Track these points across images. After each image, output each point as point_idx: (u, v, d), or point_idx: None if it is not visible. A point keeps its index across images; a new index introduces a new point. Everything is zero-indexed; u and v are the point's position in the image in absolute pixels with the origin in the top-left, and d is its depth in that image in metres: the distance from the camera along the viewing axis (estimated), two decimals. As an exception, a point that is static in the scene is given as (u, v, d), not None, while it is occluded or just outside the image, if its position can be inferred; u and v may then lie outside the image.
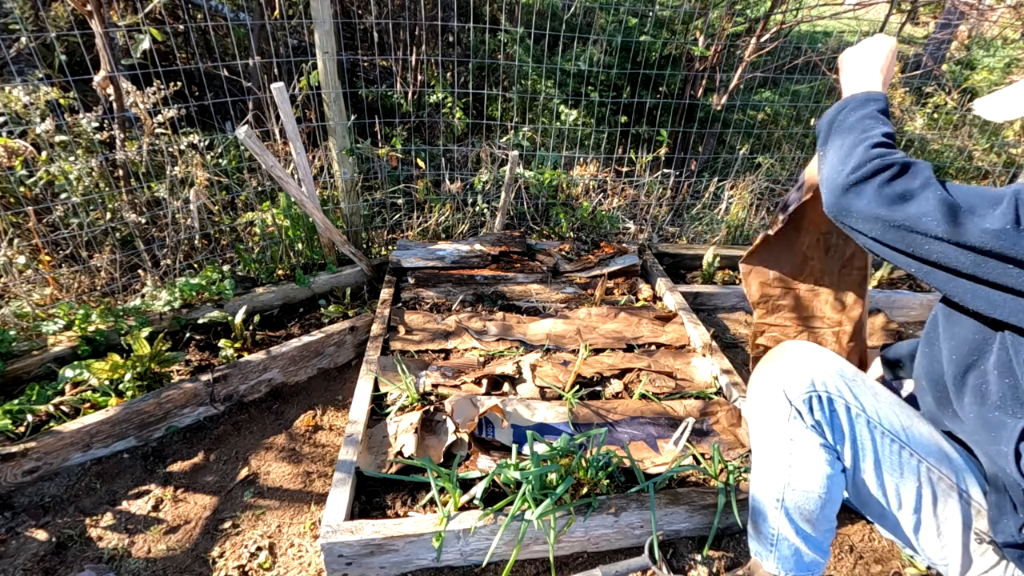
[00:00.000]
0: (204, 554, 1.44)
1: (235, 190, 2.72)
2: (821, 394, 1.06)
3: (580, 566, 1.41)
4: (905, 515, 1.06)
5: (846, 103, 1.09)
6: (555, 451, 1.42)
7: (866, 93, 1.09)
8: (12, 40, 2.73)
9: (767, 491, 1.15)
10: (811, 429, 1.07)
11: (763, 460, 1.16)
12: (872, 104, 1.06)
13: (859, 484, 1.09)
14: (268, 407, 1.97)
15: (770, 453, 1.14)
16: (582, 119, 3.47)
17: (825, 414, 1.06)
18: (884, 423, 1.04)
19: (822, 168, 1.04)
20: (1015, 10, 3.99)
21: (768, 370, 1.15)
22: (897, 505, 1.06)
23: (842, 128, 1.05)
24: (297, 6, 3.90)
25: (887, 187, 0.91)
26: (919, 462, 1.03)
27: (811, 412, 1.06)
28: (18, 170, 2.16)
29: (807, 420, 1.07)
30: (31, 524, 1.50)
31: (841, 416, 1.05)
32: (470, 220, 2.97)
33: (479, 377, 1.85)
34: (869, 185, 0.93)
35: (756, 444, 1.18)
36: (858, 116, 1.04)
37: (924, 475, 1.02)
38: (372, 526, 1.29)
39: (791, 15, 3.52)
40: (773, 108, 4.02)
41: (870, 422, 1.04)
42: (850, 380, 1.08)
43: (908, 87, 4.76)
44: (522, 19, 3.61)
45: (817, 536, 1.13)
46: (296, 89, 2.67)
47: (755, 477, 1.19)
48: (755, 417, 1.17)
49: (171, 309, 2.15)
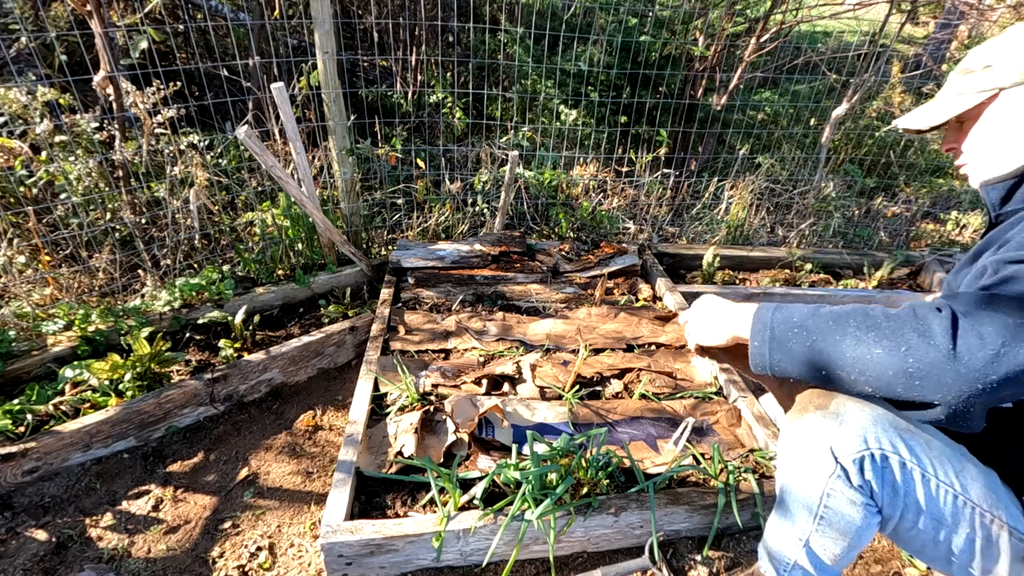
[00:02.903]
0: (204, 554, 1.44)
1: (235, 190, 2.72)
2: (875, 452, 0.95)
3: (580, 566, 1.41)
4: (953, 557, 1.00)
5: (785, 320, 0.98)
6: (555, 451, 1.42)
7: (762, 307, 1.02)
8: (12, 40, 2.73)
9: (790, 528, 1.10)
10: (855, 489, 0.98)
11: (791, 503, 1.09)
12: (787, 308, 0.99)
13: (902, 531, 1.01)
14: (268, 407, 1.97)
15: (800, 501, 1.06)
16: (582, 119, 3.47)
17: (878, 473, 0.96)
18: (940, 474, 0.96)
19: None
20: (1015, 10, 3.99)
21: (812, 422, 1.01)
22: (947, 551, 0.99)
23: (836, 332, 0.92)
24: (297, 6, 3.90)
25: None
26: (972, 509, 0.96)
27: (861, 472, 0.96)
28: (18, 170, 2.16)
29: (854, 480, 0.97)
30: (31, 524, 1.50)
31: (895, 473, 0.96)
32: (470, 220, 2.97)
33: (479, 377, 1.85)
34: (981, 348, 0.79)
35: (785, 487, 1.09)
36: (821, 318, 0.94)
37: (977, 522, 0.96)
38: (372, 526, 1.29)
39: (791, 15, 3.53)
40: (773, 108, 4.02)
41: (924, 475, 0.96)
42: (904, 431, 0.97)
43: (908, 87, 4.76)
44: (522, 19, 3.61)
45: (834, 569, 1.10)
46: (296, 89, 2.68)
47: (778, 511, 1.13)
48: (789, 467, 1.07)
49: (171, 309, 2.15)
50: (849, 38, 4.88)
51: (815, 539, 1.06)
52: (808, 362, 0.95)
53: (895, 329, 0.86)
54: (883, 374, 0.87)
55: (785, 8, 3.41)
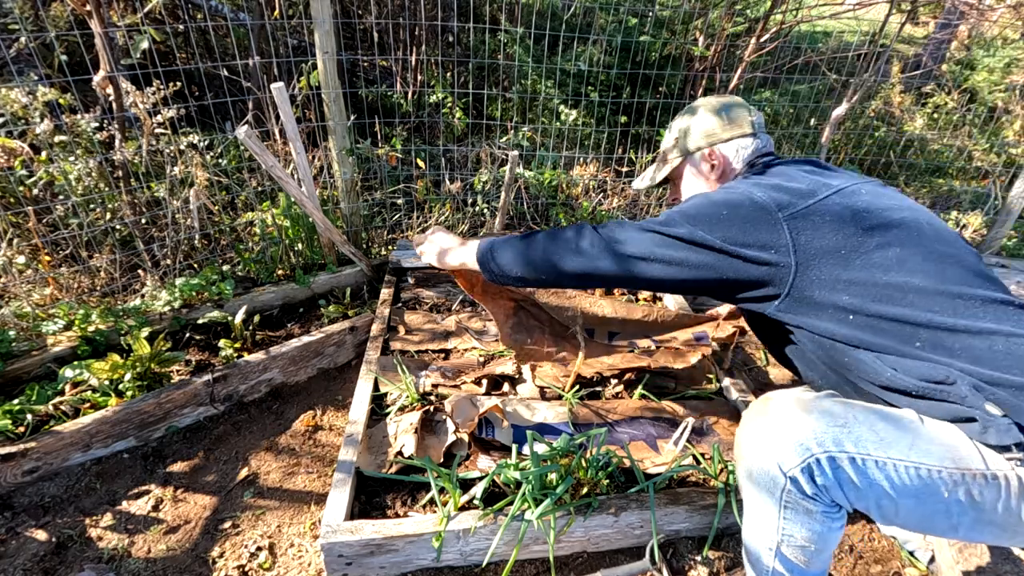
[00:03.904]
0: (204, 554, 1.44)
1: (235, 190, 2.72)
2: (820, 457, 0.96)
3: (580, 566, 1.41)
4: (955, 521, 0.97)
5: (490, 249, 1.35)
6: (555, 451, 1.42)
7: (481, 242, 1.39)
8: (12, 40, 2.73)
9: (760, 539, 1.10)
10: (810, 499, 0.99)
11: (754, 516, 1.10)
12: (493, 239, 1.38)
13: (892, 518, 1.00)
14: (268, 407, 1.97)
15: (762, 515, 1.08)
16: (582, 119, 3.47)
17: (829, 477, 0.96)
18: (893, 454, 0.95)
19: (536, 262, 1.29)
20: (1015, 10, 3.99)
21: (755, 435, 1.06)
22: (945, 520, 0.97)
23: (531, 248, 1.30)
24: (297, 6, 3.90)
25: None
26: (939, 473, 0.95)
27: (812, 480, 0.97)
28: (18, 170, 2.16)
29: (808, 490, 0.98)
30: (31, 524, 1.50)
31: (849, 471, 0.96)
32: (470, 220, 2.97)
33: (479, 377, 1.85)
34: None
35: (747, 502, 1.12)
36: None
37: (949, 481, 0.95)
38: (372, 526, 1.29)
39: (791, 15, 3.53)
40: (773, 108, 4.02)
41: (879, 462, 0.95)
42: (841, 424, 0.98)
43: (908, 87, 4.76)
44: (522, 19, 3.61)
45: (813, 570, 1.10)
46: (296, 89, 2.68)
47: (747, 524, 1.14)
48: (746, 484, 1.09)
49: (171, 309, 2.15)
50: (849, 38, 4.88)
51: (784, 548, 1.07)
52: (516, 262, 1.30)
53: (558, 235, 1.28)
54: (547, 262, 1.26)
55: (785, 8, 3.41)
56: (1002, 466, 0.95)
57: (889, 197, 1.20)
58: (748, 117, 1.40)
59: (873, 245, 1.09)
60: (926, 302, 1.05)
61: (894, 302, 1.06)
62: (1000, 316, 1.03)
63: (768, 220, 1.12)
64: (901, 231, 1.12)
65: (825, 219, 1.11)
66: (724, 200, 1.18)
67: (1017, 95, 4.55)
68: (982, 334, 1.01)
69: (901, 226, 1.12)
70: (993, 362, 0.99)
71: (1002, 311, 1.04)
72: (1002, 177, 3.68)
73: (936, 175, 4.25)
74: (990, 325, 1.02)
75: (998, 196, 3.52)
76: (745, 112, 1.41)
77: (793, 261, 1.11)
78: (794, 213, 1.12)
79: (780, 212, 1.12)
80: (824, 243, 1.10)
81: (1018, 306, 1.06)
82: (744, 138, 1.39)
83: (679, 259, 1.16)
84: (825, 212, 1.12)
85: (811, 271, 1.10)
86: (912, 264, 1.08)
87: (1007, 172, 3.68)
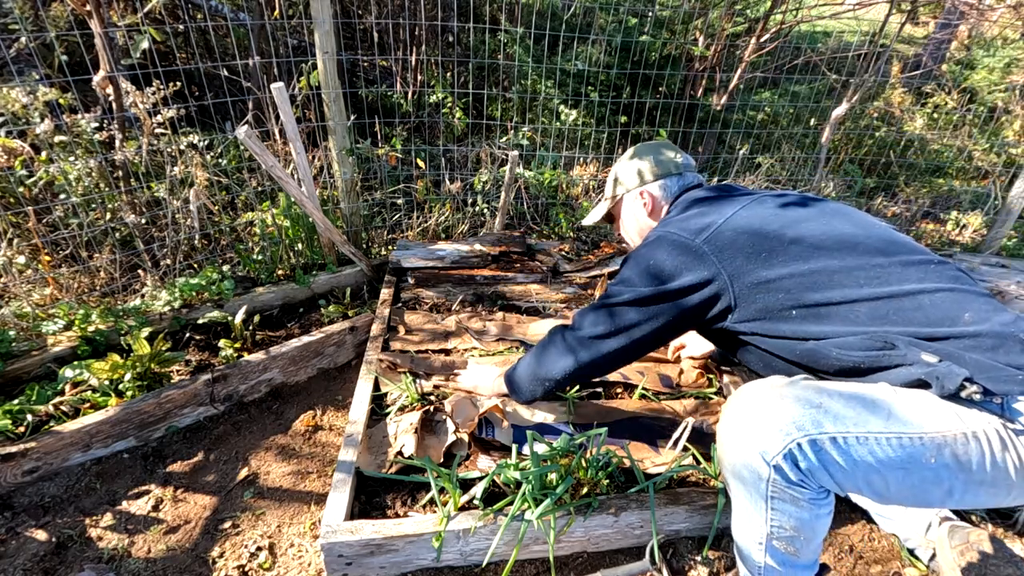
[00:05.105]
0: (204, 554, 1.44)
1: (235, 190, 2.72)
2: (801, 441, 0.96)
3: (580, 566, 1.41)
4: (944, 491, 0.97)
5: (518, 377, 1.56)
6: (555, 451, 1.42)
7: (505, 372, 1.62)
8: (12, 40, 2.73)
9: (750, 535, 1.11)
10: (795, 486, 1.00)
11: (742, 512, 1.11)
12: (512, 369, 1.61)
13: (885, 496, 1.00)
14: (268, 407, 1.97)
15: (749, 508, 1.09)
16: (582, 119, 3.47)
17: (812, 461, 0.97)
18: (873, 427, 0.96)
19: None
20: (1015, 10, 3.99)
21: (735, 429, 1.07)
22: (939, 489, 0.97)
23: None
24: (297, 6, 3.90)
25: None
26: (921, 439, 0.95)
27: (796, 467, 0.98)
28: (18, 170, 2.16)
29: (793, 476, 0.99)
30: (31, 524, 1.50)
31: (831, 452, 0.96)
32: (470, 220, 2.97)
33: (479, 377, 1.84)
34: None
35: (734, 498, 1.13)
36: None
37: (932, 446, 0.94)
38: (372, 526, 1.29)
39: (791, 15, 3.53)
40: (773, 108, 4.02)
41: (860, 438, 0.96)
42: (817, 405, 0.99)
43: (908, 87, 4.76)
44: (522, 19, 3.61)
45: (804, 560, 1.10)
46: (296, 89, 2.68)
47: (736, 521, 1.15)
48: (730, 478, 1.11)
49: (171, 309, 2.15)
50: (849, 38, 4.88)
51: (774, 541, 1.08)
52: (527, 389, 1.53)
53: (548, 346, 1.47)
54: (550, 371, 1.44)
55: (785, 8, 3.41)
56: (979, 423, 0.96)
57: (794, 200, 1.33)
58: (674, 159, 1.56)
59: (787, 242, 1.19)
60: (850, 279, 1.12)
61: (824, 287, 1.13)
62: (921, 275, 1.11)
63: (689, 248, 1.25)
64: (809, 223, 1.22)
65: (738, 231, 1.23)
66: (647, 252, 1.32)
67: (1017, 95, 4.55)
68: (909, 295, 1.08)
69: (808, 219, 1.24)
70: (925, 319, 1.06)
71: (923, 270, 1.12)
72: (1002, 177, 3.68)
73: (936, 175, 4.25)
74: (914, 286, 1.09)
75: (998, 196, 3.52)
76: (671, 154, 1.57)
77: (724, 272, 1.21)
78: (709, 236, 1.24)
79: (697, 238, 1.25)
80: (743, 251, 1.21)
81: (937, 262, 1.15)
82: (669, 177, 1.54)
83: (636, 319, 1.30)
84: (736, 226, 1.25)
85: (744, 277, 1.20)
86: (827, 248, 1.17)
87: (1007, 172, 3.68)
